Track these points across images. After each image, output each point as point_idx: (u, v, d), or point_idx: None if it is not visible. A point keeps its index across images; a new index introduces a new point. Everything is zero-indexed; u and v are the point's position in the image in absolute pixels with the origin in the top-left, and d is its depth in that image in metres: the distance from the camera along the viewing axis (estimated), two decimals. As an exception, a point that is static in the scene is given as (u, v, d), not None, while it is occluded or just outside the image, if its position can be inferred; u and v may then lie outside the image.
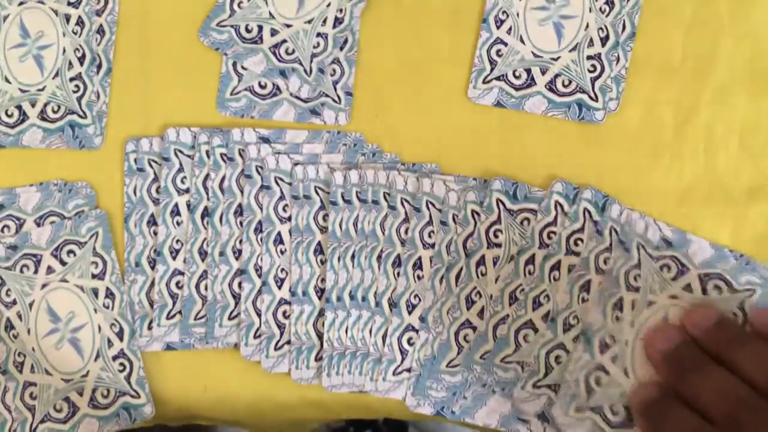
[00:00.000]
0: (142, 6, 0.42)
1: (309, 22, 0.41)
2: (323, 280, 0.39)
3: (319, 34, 0.41)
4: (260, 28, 0.41)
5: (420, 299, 0.39)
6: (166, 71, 0.41)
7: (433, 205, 0.39)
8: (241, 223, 0.40)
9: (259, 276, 0.40)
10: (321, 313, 0.39)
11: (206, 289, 0.40)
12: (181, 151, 0.40)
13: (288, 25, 0.41)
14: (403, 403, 0.39)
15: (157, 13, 0.42)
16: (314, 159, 0.40)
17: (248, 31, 0.41)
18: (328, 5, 0.41)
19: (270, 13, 0.41)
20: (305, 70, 0.41)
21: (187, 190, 0.40)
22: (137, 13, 0.42)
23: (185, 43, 0.41)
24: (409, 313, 0.39)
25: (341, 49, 0.41)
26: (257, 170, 0.40)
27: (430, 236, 0.39)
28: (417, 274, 0.39)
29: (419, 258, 0.39)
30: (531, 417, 0.37)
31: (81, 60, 0.41)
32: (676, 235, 0.38)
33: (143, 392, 0.39)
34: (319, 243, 0.39)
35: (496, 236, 0.39)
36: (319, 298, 0.40)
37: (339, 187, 0.39)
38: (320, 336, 0.39)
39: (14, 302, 0.39)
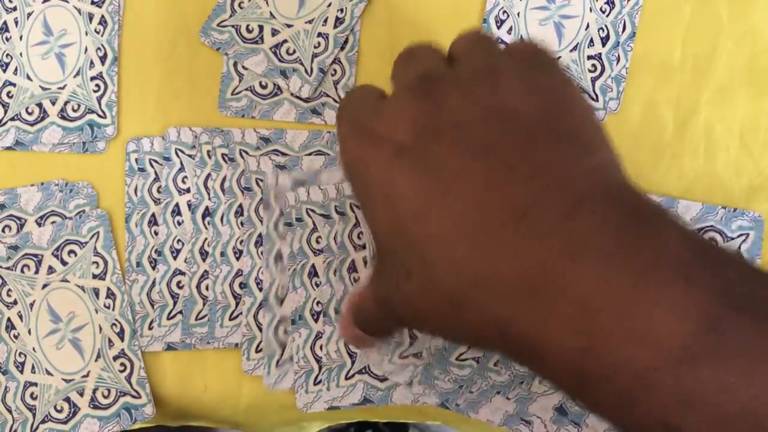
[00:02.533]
0: (142, 6, 0.42)
1: (310, 22, 0.41)
2: (319, 303, 0.39)
3: (320, 34, 0.41)
4: (261, 28, 0.41)
5: None
6: (166, 71, 0.41)
7: None
8: (242, 224, 0.40)
9: (260, 290, 0.40)
10: (318, 336, 0.39)
11: (207, 289, 0.40)
12: (182, 151, 0.40)
13: (289, 25, 0.41)
14: (405, 407, 0.39)
15: (158, 13, 0.42)
16: (314, 178, 0.40)
17: (249, 31, 0.41)
18: (329, 5, 0.41)
19: (271, 13, 0.41)
20: (306, 70, 0.41)
21: (188, 190, 0.40)
22: (138, 12, 0.42)
23: (186, 43, 0.41)
24: None
25: (342, 49, 0.41)
26: (257, 183, 0.40)
27: None
28: None
29: None
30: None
31: (102, 59, 0.41)
32: (662, 199, 0.39)
33: (144, 392, 0.39)
34: (313, 266, 0.39)
35: None
36: (315, 320, 0.39)
37: (332, 201, 0.39)
38: (318, 359, 0.39)
39: (15, 302, 0.39)
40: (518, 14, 0.41)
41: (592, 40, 0.40)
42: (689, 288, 0.20)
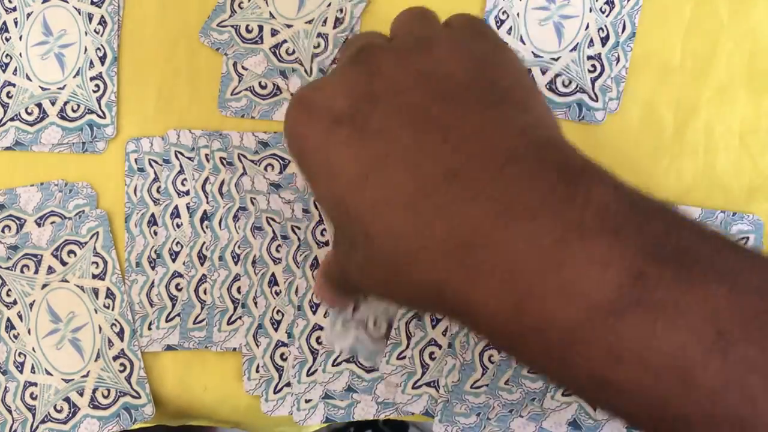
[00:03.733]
0: (142, 6, 0.42)
1: (309, 22, 0.41)
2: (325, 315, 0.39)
3: (319, 35, 0.41)
4: (261, 28, 0.41)
5: None
6: (166, 71, 0.41)
7: None
8: (240, 228, 0.40)
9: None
10: (316, 328, 0.39)
11: (205, 293, 0.40)
12: (181, 153, 0.40)
13: (288, 26, 0.41)
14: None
15: (158, 13, 0.42)
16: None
17: (249, 31, 0.41)
18: (329, 5, 0.41)
19: (270, 14, 0.41)
20: (306, 70, 0.41)
21: (188, 192, 0.40)
22: (138, 12, 0.42)
23: (186, 43, 0.41)
24: (433, 327, 0.39)
25: (341, 49, 0.41)
26: (251, 202, 0.40)
27: None
28: None
29: None
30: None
31: (102, 59, 0.41)
32: None
33: (144, 392, 0.39)
34: (315, 258, 0.39)
35: None
36: (314, 312, 0.39)
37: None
38: (313, 351, 0.39)
39: (15, 302, 0.39)
40: (518, 14, 0.41)
41: (591, 41, 0.40)
42: (614, 241, 0.20)
